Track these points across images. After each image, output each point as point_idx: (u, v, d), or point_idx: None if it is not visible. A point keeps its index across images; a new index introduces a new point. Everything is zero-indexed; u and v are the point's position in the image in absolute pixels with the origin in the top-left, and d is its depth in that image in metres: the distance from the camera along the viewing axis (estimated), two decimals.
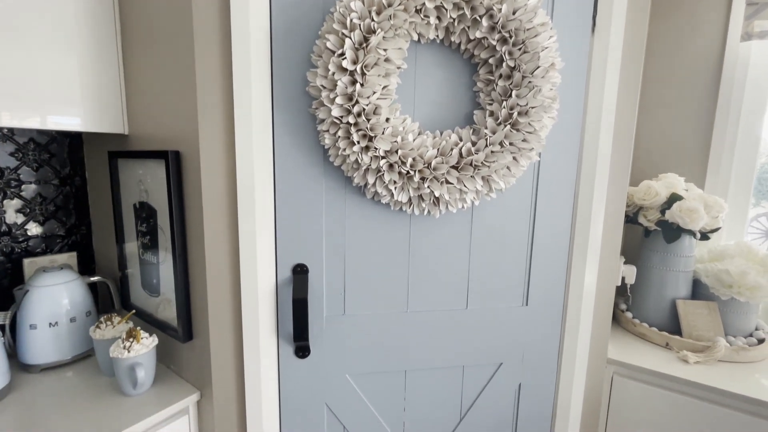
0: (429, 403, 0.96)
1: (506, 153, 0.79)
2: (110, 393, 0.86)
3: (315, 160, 0.82)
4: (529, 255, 0.95)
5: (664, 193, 1.16)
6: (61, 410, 0.80)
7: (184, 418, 0.87)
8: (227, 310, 0.83)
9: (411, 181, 0.77)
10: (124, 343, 0.83)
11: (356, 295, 0.88)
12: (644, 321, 1.22)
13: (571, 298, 0.98)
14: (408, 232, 0.88)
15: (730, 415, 0.93)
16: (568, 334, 0.99)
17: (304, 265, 0.85)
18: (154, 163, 0.87)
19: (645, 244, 1.25)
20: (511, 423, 1.01)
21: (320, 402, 0.90)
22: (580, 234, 0.97)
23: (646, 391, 1.04)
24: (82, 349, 0.98)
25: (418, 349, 0.92)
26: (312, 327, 0.87)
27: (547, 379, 1.01)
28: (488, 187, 0.81)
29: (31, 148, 1.04)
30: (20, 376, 0.92)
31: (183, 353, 0.92)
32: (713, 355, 1.06)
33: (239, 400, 0.86)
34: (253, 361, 0.84)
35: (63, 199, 1.10)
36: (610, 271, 1.02)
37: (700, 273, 1.20)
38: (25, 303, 0.92)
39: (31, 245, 1.06)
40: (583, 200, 0.95)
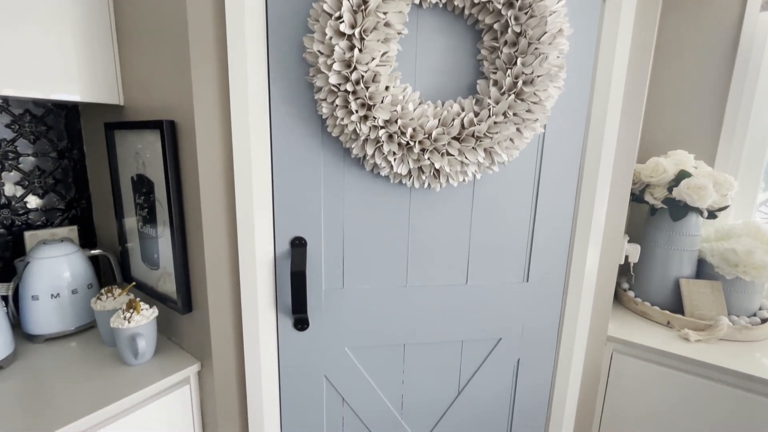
0: (427, 376, 0.96)
1: (509, 124, 0.76)
2: (113, 362, 0.87)
3: (313, 130, 0.80)
4: (530, 231, 0.93)
5: (672, 170, 1.13)
6: (64, 378, 0.82)
7: (186, 388, 0.88)
8: (226, 282, 0.83)
9: (411, 152, 0.75)
10: (124, 314, 0.84)
11: (355, 269, 0.88)
12: (646, 300, 1.21)
13: (573, 276, 0.97)
14: (408, 206, 0.86)
15: (729, 393, 0.93)
16: (569, 311, 0.98)
17: (303, 239, 0.84)
18: (151, 135, 0.85)
19: (650, 223, 1.23)
20: (509, 397, 1.02)
21: (319, 374, 0.91)
22: (583, 211, 0.95)
23: (645, 369, 1.04)
24: (84, 321, 1.00)
25: (417, 323, 0.92)
26: (310, 300, 0.87)
27: (546, 355, 1.01)
28: (490, 160, 0.79)
29: (27, 120, 1.03)
30: (25, 346, 0.93)
31: (183, 325, 0.92)
32: (715, 333, 1.05)
33: (239, 371, 0.87)
34: (252, 332, 0.84)
35: (62, 172, 1.10)
36: (613, 249, 1.00)
37: (706, 252, 1.18)
38: (26, 274, 0.93)
39: (31, 218, 1.06)
40: (587, 176, 0.93)
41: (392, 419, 0.96)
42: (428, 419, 0.99)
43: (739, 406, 0.92)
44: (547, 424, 1.06)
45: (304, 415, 0.92)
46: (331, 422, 0.94)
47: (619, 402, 1.08)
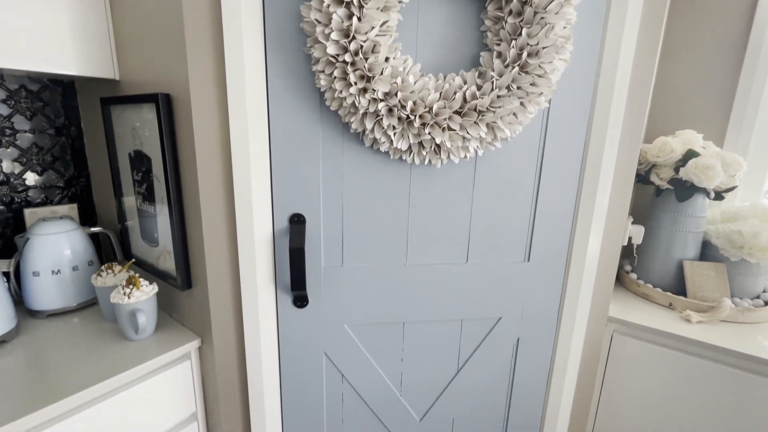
0: (427, 354, 0.97)
1: (513, 98, 0.74)
2: (114, 338, 0.88)
3: (311, 104, 0.78)
4: (533, 210, 0.92)
5: (680, 149, 1.11)
6: (67, 352, 0.83)
7: (186, 363, 0.89)
8: (224, 259, 0.83)
9: (411, 126, 0.74)
10: (124, 290, 0.84)
11: (354, 247, 0.87)
12: (648, 282, 1.21)
13: (575, 256, 0.96)
14: (408, 183, 0.85)
15: (729, 373, 0.93)
16: (570, 291, 0.98)
17: (301, 215, 0.83)
18: (147, 110, 0.84)
19: (655, 204, 1.21)
20: (508, 376, 1.02)
21: (319, 350, 0.92)
22: (587, 190, 0.93)
23: (646, 349, 1.03)
24: (86, 297, 1.00)
25: (417, 302, 0.92)
26: (310, 277, 0.87)
27: (546, 335, 1.01)
28: (493, 135, 0.77)
29: (23, 96, 1.01)
30: (28, 321, 0.94)
31: (183, 301, 0.93)
32: (717, 315, 1.04)
33: (239, 347, 0.88)
34: (252, 309, 0.84)
35: (60, 149, 1.09)
36: (616, 230, 0.99)
37: (711, 234, 1.16)
38: (27, 251, 0.93)
39: (30, 196, 1.05)
40: (592, 155, 0.91)
41: (391, 396, 0.97)
42: (427, 397, 1.00)
43: (739, 386, 0.92)
44: (546, 403, 1.06)
45: (304, 391, 0.93)
46: (331, 398, 0.95)
47: (617, 382, 1.09)
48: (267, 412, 0.91)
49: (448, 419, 1.02)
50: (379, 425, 0.99)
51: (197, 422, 0.93)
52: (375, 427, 0.99)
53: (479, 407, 1.03)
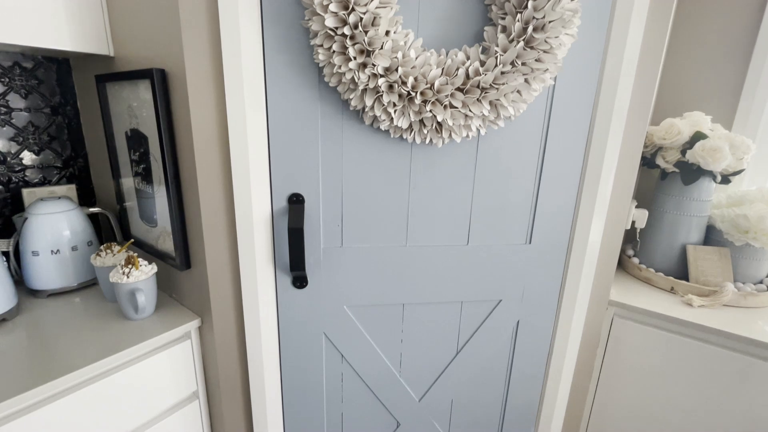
0: (426, 336, 0.97)
1: (517, 74, 0.72)
2: (115, 317, 0.88)
3: (309, 80, 0.76)
4: (536, 191, 0.90)
5: (687, 131, 1.08)
6: (68, 330, 0.83)
7: (187, 343, 0.89)
8: (223, 239, 0.82)
9: (412, 103, 0.72)
10: (123, 270, 0.84)
11: (354, 228, 0.86)
12: (651, 267, 1.20)
13: (577, 239, 0.95)
14: (408, 163, 0.83)
15: (729, 357, 0.93)
16: (571, 274, 0.97)
17: (300, 195, 0.82)
18: (142, 87, 0.82)
19: (660, 188, 1.19)
20: (508, 358, 1.03)
21: (318, 331, 0.92)
22: (591, 172, 0.91)
23: (646, 333, 1.03)
24: (86, 278, 1.00)
25: (417, 283, 0.92)
26: (309, 258, 0.86)
27: (546, 318, 1.00)
28: (496, 113, 0.76)
29: (18, 73, 0.99)
30: (29, 301, 0.94)
31: (183, 282, 0.93)
32: (719, 299, 1.03)
33: (239, 327, 0.88)
34: (251, 290, 0.84)
35: (56, 129, 1.07)
36: (620, 213, 0.97)
37: (716, 218, 1.15)
38: (25, 231, 0.93)
39: (28, 176, 1.04)
40: (597, 136, 0.89)
41: (391, 377, 0.98)
42: (426, 378, 1.00)
43: (739, 369, 0.92)
44: (544, 386, 1.07)
45: (304, 371, 0.94)
46: (331, 378, 0.96)
47: (616, 366, 1.09)
48: (267, 391, 0.92)
49: (447, 400, 1.03)
50: (379, 405, 1.00)
51: (198, 400, 0.94)
52: (374, 407, 1.00)
53: (478, 389, 1.04)
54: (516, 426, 1.09)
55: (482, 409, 1.06)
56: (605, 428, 1.14)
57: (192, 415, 0.93)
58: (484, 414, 1.06)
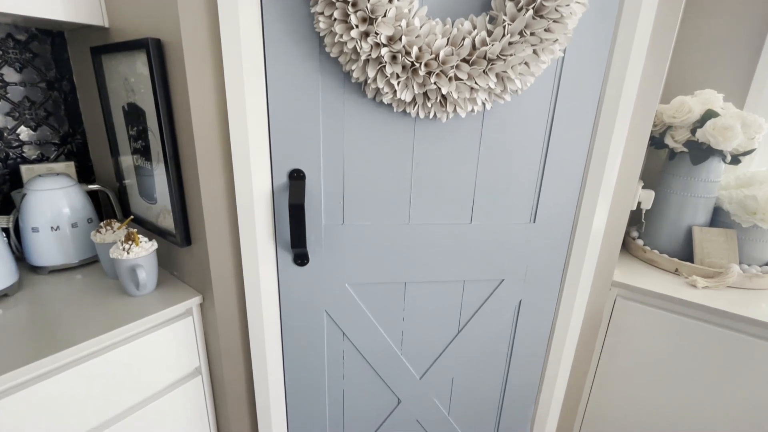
0: (428, 315, 0.96)
1: (526, 45, 0.69)
2: (116, 293, 0.88)
3: (309, 51, 0.74)
4: (541, 169, 0.88)
5: (698, 110, 1.05)
6: (69, 305, 0.83)
7: (189, 319, 0.89)
8: (223, 216, 0.81)
9: (416, 75, 0.69)
10: (123, 246, 0.83)
11: (356, 205, 0.85)
12: (655, 248, 1.19)
13: (582, 218, 0.94)
14: (412, 138, 0.82)
15: (732, 337, 0.93)
16: (575, 254, 0.96)
17: (301, 171, 0.80)
18: (138, 60, 0.80)
19: (667, 169, 1.17)
20: (509, 338, 1.03)
21: (320, 309, 0.92)
22: (598, 151, 0.89)
23: (648, 314, 1.03)
24: (87, 255, 1.00)
25: (419, 262, 0.91)
26: (310, 235, 0.85)
27: (549, 298, 1.00)
28: (502, 86, 0.73)
29: (11, 46, 0.97)
30: (30, 277, 0.94)
31: (184, 259, 0.92)
32: (724, 280, 1.03)
33: (240, 304, 0.88)
34: (252, 267, 0.84)
35: (53, 104, 1.05)
36: (626, 193, 0.96)
37: (723, 200, 1.13)
38: (24, 207, 0.92)
39: (26, 152, 1.03)
40: (606, 113, 0.86)
41: (392, 355, 0.98)
42: (427, 356, 1.00)
43: (742, 350, 0.92)
44: (545, 366, 1.07)
45: (306, 348, 0.94)
46: (332, 355, 0.96)
47: (618, 346, 1.09)
48: (269, 367, 0.92)
49: (448, 379, 1.04)
50: (380, 382, 1.01)
51: (201, 376, 0.94)
52: (376, 384, 1.01)
53: (479, 367, 1.04)
54: (516, 405, 1.10)
55: (483, 387, 1.07)
56: (604, 409, 1.15)
57: (195, 390, 0.94)
58: (485, 392, 1.07)
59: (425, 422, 1.07)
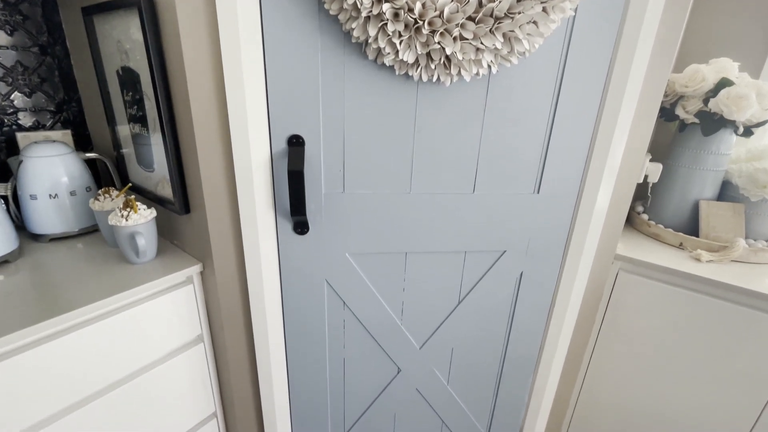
0: (428, 285, 0.96)
1: (535, 2, 0.66)
2: (117, 261, 0.88)
3: (308, 8, 0.70)
4: (547, 138, 0.86)
5: (712, 78, 1.01)
6: (70, 271, 0.83)
7: (190, 287, 0.90)
8: (222, 183, 0.80)
9: (419, 34, 0.66)
10: (121, 213, 0.82)
11: (356, 173, 0.83)
12: (660, 223, 1.17)
13: (587, 190, 0.92)
14: (414, 104, 0.79)
15: (734, 311, 0.92)
16: (579, 226, 0.95)
17: (300, 137, 0.79)
18: (132, 22, 0.77)
19: (677, 141, 1.14)
20: (509, 309, 1.03)
21: (320, 278, 0.91)
22: (607, 121, 0.86)
23: (651, 287, 1.02)
24: (87, 223, 1.00)
25: (420, 232, 0.90)
26: (310, 204, 0.84)
27: (551, 270, 0.99)
28: (509, 47, 0.70)
29: (0, 7, 0.94)
30: (31, 245, 0.94)
31: (184, 227, 0.92)
32: (729, 254, 1.01)
33: (240, 272, 0.88)
34: (251, 234, 0.83)
35: (46, 70, 1.03)
36: (633, 165, 0.93)
37: (733, 173, 1.11)
38: (21, 174, 0.91)
39: (21, 120, 1.01)
40: (616, 80, 0.83)
41: (392, 324, 0.99)
42: (428, 326, 1.01)
43: (744, 323, 0.92)
44: (544, 338, 1.08)
45: (306, 317, 0.94)
46: (333, 324, 0.97)
47: (618, 319, 1.09)
48: (270, 336, 0.93)
49: (448, 349, 1.05)
50: (380, 351, 1.02)
51: (203, 344, 0.95)
52: (376, 354, 1.02)
53: (479, 338, 1.05)
54: (514, 375, 1.11)
55: (482, 358, 1.08)
56: (602, 381, 1.16)
57: (197, 357, 0.95)
58: (484, 363, 1.08)
59: (425, 391, 1.09)
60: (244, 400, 1.01)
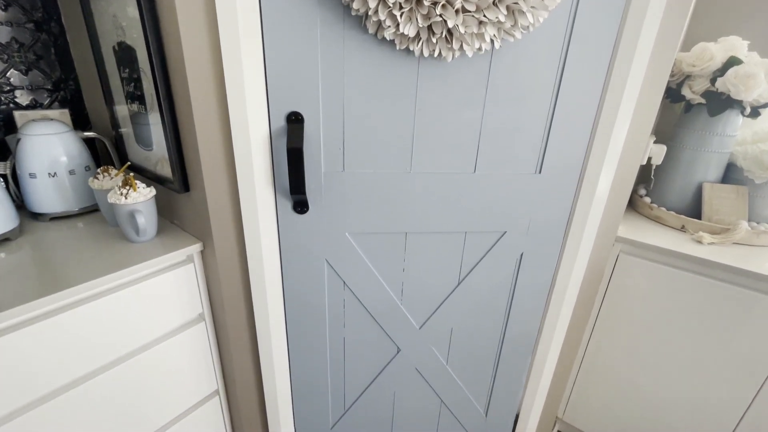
0: (428, 266, 0.96)
1: None
2: (117, 239, 0.88)
3: None
4: (550, 117, 0.85)
5: (721, 57, 0.99)
6: (71, 249, 0.83)
7: (190, 266, 0.90)
8: (220, 159, 0.79)
9: (420, 5, 0.65)
10: (120, 190, 0.82)
11: (356, 151, 0.82)
12: (662, 206, 1.16)
13: (589, 170, 0.91)
14: (415, 80, 0.78)
15: (735, 292, 0.92)
16: (580, 207, 0.94)
17: (299, 114, 0.78)
18: None
19: (682, 123, 1.12)
20: (509, 290, 1.03)
21: (320, 257, 0.91)
22: (611, 99, 0.85)
23: (651, 269, 1.02)
24: (88, 203, 1.00)
25: (420, 212, 0.89)
26: (309, 182, 0.83)
27: (551, 251, 0.99)
28: (513, 20, 0.68)
29: None
30: (31, 224, 0.95)
31: (184, 207, 0.91)
32: (731, 236, 1.01)
33: (240, 251, 0.88)
34: (251, 213, 0.83)
35: (42, 47, 1.01)
36: (637, 146, 0.92)
37: (738, 155, 1.09)
38: (20, 152, 0.91)
39: (18, 98, 1.00)
40: (621, 59, 0.81)
41: (392, 304, 0.99)
42: (427, 306, 1.01)
43: (745, 305, 0.92)
44: (544, 318, 1.08)
45: (307, 296, 0.95)
46: (333, 304, 0.97)
47: (618, 301, 1.09)
48: (271, 315, 0.94)
49: (447, 329, 1.05)
50: (380, 331, 1.02)
51: (204, 322, 0.96)
52: (375, 333, 1.02)
53: (478, 319, 1.05)
54: (513, 356, 1.12)
55: (481, 338, 1.08)
56: (601, 362, 1.17)
57: (199, 335, 0.96)
58: (483, 344, 1.09)
59: (424, 370, 1.10)
60: (246, 378, 1.02)
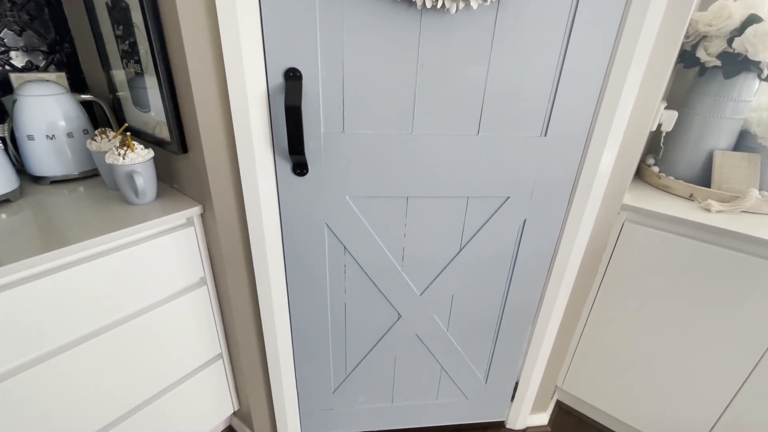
0: (430, 231, 0.95)
1: None
2: (117, 202, 0.88)
3: None
4: (557, 76, 0.82)
5: (740, 15, 0.94)
6: (71, 210, 0.83)
7: (190, 229, 0.90)
8: (218, 118, 0.78)
9: None
10: (118, 151, 0.81)
11: (356, 112, 0.80)
12: (671, 175, 1.13)
13: (596, 134, 0.88)
14: (417, 35, 0.75)
15: (743, 260, 0.90)
16: (586, 172, 0.92)
17: (297, 70, 0.75)
18: None
19: (695, 87, 1.08)
20: (511, 257, 1.02)
21: (321, 221, 0.91)
22: (621, 61, 0.81)
23: (657, 237, 1.01)
24: (87, 167, 0.99)
25: (422, 176, 0.88)
26: (309, 144, 0.82)
27: (555, 217, 0.98)
28: None
29: None
30: (32, 187, 0.95)
31: (182, 170, 0.91)
32: (740, 204, 0.98)
33: (240, 214, 0.87)
34: (250, 174, 0.82)
35: (35, 6, 0.99)
36: (646, 110, 0.89)
37: (752, 122, 1.06)
38: (17, 113, 0.90)
39: (13, 59, 0.98)
40: (633, 16, 0.77)
41: (393, 269, 0.99)
42: (428, 272, 1.01)
43: (753, 273, 0.90)
44: (545, 286, 1.08)
45: (307, 260, 0.95)
46: (333, 269, 0.97)
47: (622, 269, 1.08)
48: (272, 279, 0.94)
49: (448, 295, 1.05)
50: (381, 297, 1.03)
51: (206, 286, 0.97)
52: (376, 299, 1.03)
53: (479, 286, 1.05)
54: (514, 323, 1.12)
55: (482, 305, 1.08)
56: (602, 331, 1.17)
57: (201, 299, 0.97)
58: (484, 310, 1.09)
59: (424, 337, 1.11)
60: (248, 342, 1.04)
